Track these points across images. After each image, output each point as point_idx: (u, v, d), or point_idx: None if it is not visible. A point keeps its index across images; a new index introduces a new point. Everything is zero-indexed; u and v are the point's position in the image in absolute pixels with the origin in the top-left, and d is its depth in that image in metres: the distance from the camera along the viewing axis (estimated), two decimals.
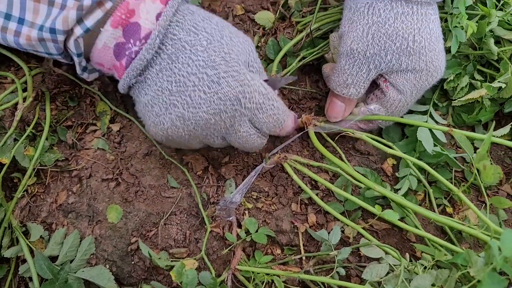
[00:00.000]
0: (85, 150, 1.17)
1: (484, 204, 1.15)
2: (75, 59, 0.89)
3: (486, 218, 0.82)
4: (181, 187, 1.15)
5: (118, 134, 1.19)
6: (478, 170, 0.82)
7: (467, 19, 1.09)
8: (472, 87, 1.14)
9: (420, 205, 1.13)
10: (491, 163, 1.12)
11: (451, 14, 1.06)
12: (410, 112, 1.15)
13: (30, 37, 0.83)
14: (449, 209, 1.13)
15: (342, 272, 0.95)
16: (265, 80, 0.99)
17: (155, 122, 0.93)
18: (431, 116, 1.14)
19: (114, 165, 1.16)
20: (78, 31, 0.81)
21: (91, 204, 1.12)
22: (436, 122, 1.15)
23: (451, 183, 1.13)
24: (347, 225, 1.05)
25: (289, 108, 1.23)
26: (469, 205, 0.83)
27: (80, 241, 1.08)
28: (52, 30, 0.81)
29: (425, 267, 0.83)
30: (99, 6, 0.81)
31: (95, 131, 1.19)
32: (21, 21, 0.82)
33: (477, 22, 1.06)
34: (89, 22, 0.81)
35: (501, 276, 0.76)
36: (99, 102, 1.20)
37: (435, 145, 1.09)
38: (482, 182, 0.86)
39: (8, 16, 0.82)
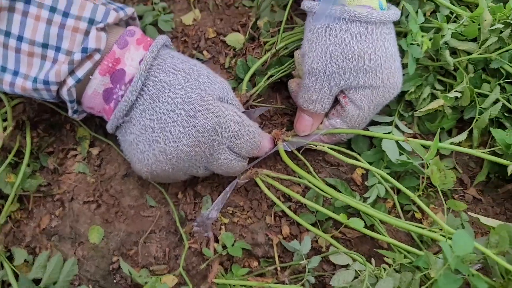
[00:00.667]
0: (66, 175, 1.22)
1: (450, 209, 1.19)
2: (68, 104, 0.96)
3: (442, 221, 0.87)
4: (159, 206, 1.20)
5: (97, 157, 1.24)
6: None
7: (425, 31, 1.15)
8: (434, 97, 1.19)
9: (390, 212, 1.17)
10: (455, 168, 1.18)
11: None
12: (377, 123, 1.20)
13: (25, 87, 0.90)
14: (418, 215, 1.17)
15: (312, 280, 1.00)
16: (242, 112, 1.05)
17: (140, 159, 0.99)
18: (396, 126, 1.19)
19: (95, 187, 1.21)
20: (70, 81, 0.89)
21: (73, 226, 1.16)
22: (402, 132, 1.20)
23: (418, 189, 1.18)
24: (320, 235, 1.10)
25: (261, 124, 1.29)
26: (425, 210, 0.88)
27: (64, 263, 1.12)
28: (46, 82, 0.88)
29: (387, 271, 0.87)
30: (88, 59, 0.89)
31: (75, 155, 1.24)
32: (15, 73, 0.90)
33: (432, 35, 1.11)
34: (80, 73, 0.89)
35: (457, 275, 0.81)
36: (79, 128, 1.25)
37: (401, 154, 1.14)
38: (438, 187, 0.91)
39: (3, 69, 0.90)
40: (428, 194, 1.19)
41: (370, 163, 1.15)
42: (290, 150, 1.17)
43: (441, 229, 0.99)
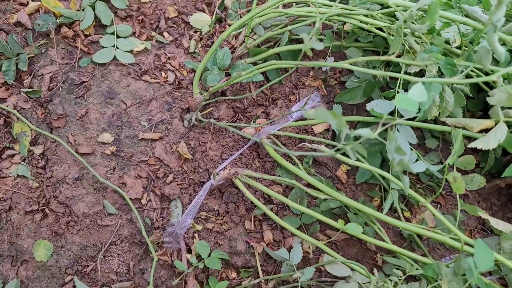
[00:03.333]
0: (1, 179, 1.02)
1: (439, 205, 1.14)
2: None
3: (429, 219, 0.80)
4: (120, 213, 1.04)
5: (41, 157, 1.05)
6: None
7: None
8: None
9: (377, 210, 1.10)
10: (440, 162, 1.12)
11: None
12: None
13: None
14: (407, 213, 1.11)
15: None
16: None
17: None
18: None
19: (39, 193, 1.02)
20: None
21: (13, 241, 0.98)
22: None
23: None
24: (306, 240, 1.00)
25: (235, 117, 1.16)
26: (435, 214, 0.80)
27: (3, 286, 0.93)
28: None
29: (396, 283, 0.79)
30: None
31: (13, 155, 1.05)
32: None
33: None
34: None
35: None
36: (16, 122, 1.05)
37: None
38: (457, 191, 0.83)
39: None
40: (417, 191, 1.13)
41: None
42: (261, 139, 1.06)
43: (433, 227, 0.94)
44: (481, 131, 0.86)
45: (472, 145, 0.81)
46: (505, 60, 0.95)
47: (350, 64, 0.83)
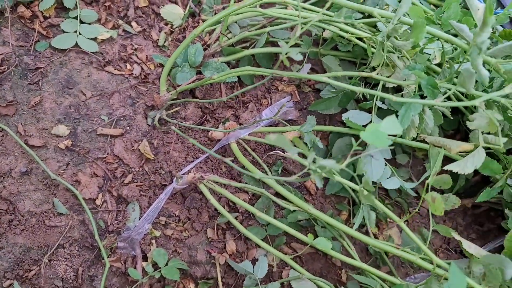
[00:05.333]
0: None
1: (406, 222, 1.13)
2: None
3: (396, 236, 0.78)
4: (71, 213, 0.95)
5: None
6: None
7: None
8: None
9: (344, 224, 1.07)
10: (410, 178, 1.11)
11: None
12: None
13: None
14: (374, 229, 1.09)
15: None
16: None
17: None
18: None
19: None
20: None
21: None
22: None
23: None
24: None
25: (203, 118, 1.10)
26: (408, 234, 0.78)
27: None
28: None
29: None
30: None
31: None
32: None
33: None
34: None
35: None
36: None
37: None
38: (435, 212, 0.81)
39: None
40: (385, 206, 1.11)
41: None
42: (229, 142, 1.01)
43: (399, 245, 0.92)
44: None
45: (448, 167, 0.79)
46: (480, 82, 0.95)
47: (317, 86, 0.79)
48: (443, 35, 0.81)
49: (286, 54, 0.71)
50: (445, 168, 0.79)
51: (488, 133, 0.81)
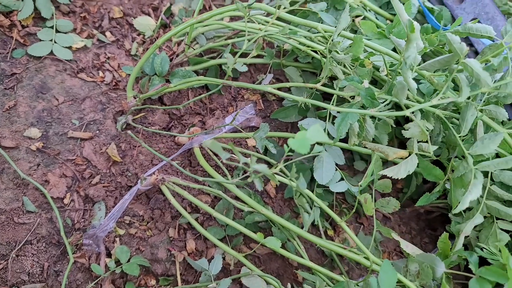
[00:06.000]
0: None
1: (362, 225, 1.19)
2: None
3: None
4: (39, 211, 1.01)
5: None
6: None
7: None
8: None
9: (300, 227, 1.13)
10: (368, 186, 1.17)
11: None
12: None
13: None
14: (330, 232, 1.14)
15: None
16: None
17: None
18: None
19: None
20: None
21: None
22: None
23: (333, 205, 1.15)
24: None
25: (170, 123, 1.16)
26: (351, 237, 0.84)
27: None
28: None
29: None
30: None
31: None
32: None
33: None
34: None
35: None
36: None
37: None
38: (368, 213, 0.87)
39: None
40: (341, 211, 1.17)
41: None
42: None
43: (353, 247, 0.98)
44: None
45: (382, 172, 0.85)
46: (427, 93, 1.01)
47: (280, 89, 0.86)
48: (382, 49, 0.88)
49: (233, 65, 0.78)
50: (380, 173, 0.85)
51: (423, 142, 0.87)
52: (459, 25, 0.94)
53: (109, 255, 1.02)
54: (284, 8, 0.93)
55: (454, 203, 0.91)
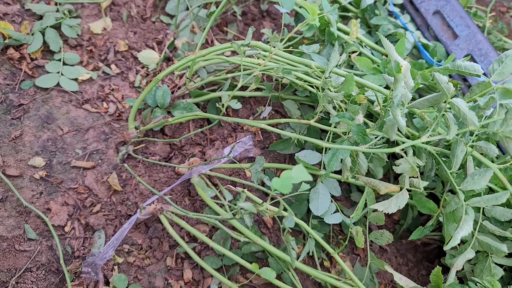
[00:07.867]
0: None
1: (358, 257, 1.19)
2: None
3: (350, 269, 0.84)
4: (40, 239, 1.03)
5: None
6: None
7: None
8: None
9: (298, 258, 1.13)
10: (365, 216, 1.18)
11: None
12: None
13: None
14: (327, 263, 1.15)
15: None
16: None
17: None
18: None
19: None
20: None
21: None
22: None
23: (330, 235, 1.16)
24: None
25: (171, 153, 1.19)
26: (344, 269, 0.85)
27: None
28: None
29: None
30: None
31: None
32: None
33: None
34: None
35: None
36: None
37: None
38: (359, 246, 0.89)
39: None
40: (338, 242, 1.17)
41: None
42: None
43: (350, 279, 0.98)
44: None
45: (373, 206, 0.86)
46: (421, 127, 1.03)
47: (278, 126, 0.88)
48: (373, 86, 0.90)
49: (227, 103, 0.81)
50: (371, 207, 0.87)
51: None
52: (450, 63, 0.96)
53: (107, 283, 1.03)
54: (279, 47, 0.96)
55: (447, 237, 0.92)
